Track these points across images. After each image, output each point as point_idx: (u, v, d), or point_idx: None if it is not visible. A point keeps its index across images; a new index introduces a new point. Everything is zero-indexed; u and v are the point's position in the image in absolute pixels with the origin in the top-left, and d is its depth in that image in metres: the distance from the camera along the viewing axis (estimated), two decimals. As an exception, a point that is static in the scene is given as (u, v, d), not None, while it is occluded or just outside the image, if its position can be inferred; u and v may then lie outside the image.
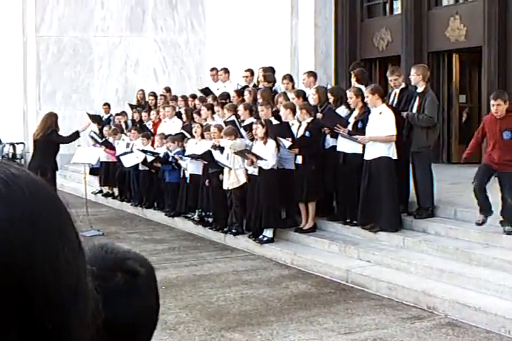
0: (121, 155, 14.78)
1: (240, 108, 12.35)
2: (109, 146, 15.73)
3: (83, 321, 0.94)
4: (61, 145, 13.63)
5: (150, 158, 13.96)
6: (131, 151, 14.66)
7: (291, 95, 11.98)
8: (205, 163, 12.25)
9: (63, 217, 0.93)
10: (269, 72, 13.85)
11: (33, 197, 0.89)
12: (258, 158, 10.90)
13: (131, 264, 1.47)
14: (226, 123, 12.33)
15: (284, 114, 11.25)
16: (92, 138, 16.60)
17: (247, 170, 11.41)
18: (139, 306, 1.47)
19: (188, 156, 12.75)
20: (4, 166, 0.90)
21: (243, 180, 11.48)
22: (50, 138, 13.09)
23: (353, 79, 11.69)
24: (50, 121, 13.34)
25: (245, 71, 14.79)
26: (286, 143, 10.90)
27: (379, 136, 10.08)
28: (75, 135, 13.67)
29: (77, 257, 0.93)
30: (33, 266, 0.86)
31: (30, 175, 0.92)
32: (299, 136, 10.96)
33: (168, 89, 17.50)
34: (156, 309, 1.52)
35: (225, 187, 11.71)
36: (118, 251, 1.49)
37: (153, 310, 1.51)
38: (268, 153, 10.92)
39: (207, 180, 12.21)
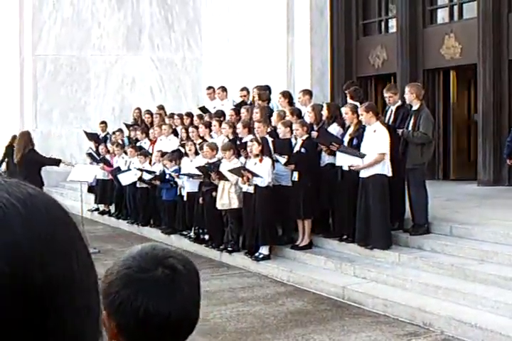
0: (119, 173, 14.80)
1: (239, 126, 12.37)
2: (108, 163, 15.74)
3: (95, 336, 0.96)
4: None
5: (148, 177, 13.98)
6: (129, 169, 14.68)
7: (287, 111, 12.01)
8: (201, 181, 12.28)
9: (76, 234, 0.95)
10: (264, 90, 13.89)
11: (49, 216, 0.91)
12: (254, 175, 10.91)
13: (171, 261, 1.61)
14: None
15: (283, 131, 11.27)
16: (90, 155, 16.62)
17: (244, 193, 11.38)
18: (177, 299, 1.58)
19: (183, 175, 12.77)
20: (22, 186, 0.92)
21: (235, 204, 11.46)
22: (29, 157, 13.01)
23: (349, 99, 11.71)
24: (24, 140, 13.26)
25: (240, 90, 14.84)
26: (282, 159, 10.92)
27: (370, 162, 10.07)
28: (56, 162, 13.52)
29: (89, 274, 0.95)
30: (50, 284, 0.87)
31: (45, 194, 0.94)
32: (294, 153, 10.99)
33: (161, 107, 17.47)
34: (196, 307, 1.65)
35: (217, 206, 11.71)
36: (164, 249, 1.65)
37: (191, 305, 1.62)
38: (264, 171, 10.93)
39: (200, 198, 12.23)
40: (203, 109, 15.59)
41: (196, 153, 12.82)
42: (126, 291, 1.55)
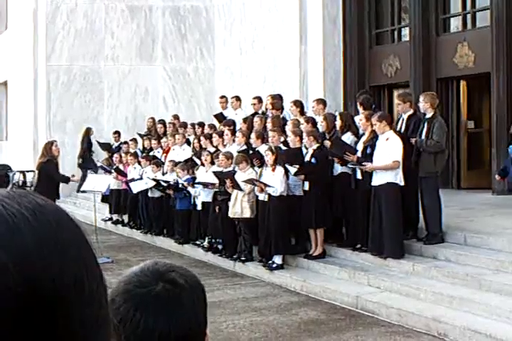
0: (131, 181, 14.85)
1: (252, 136, 12.37)
2: (121, 173, 15.77)
3: None
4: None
5: (165, 184, 13.98)
6: (141, 178, 14.72)
7: (300, 121, 12.00)
8: (216, 190, 12.28)
9: (85, 244, 0.94)
10: (277, 99, 13.90)
11: (58, 226, 0.91)
12: (266, 185, 10.91)
13: (173, 276, 1.55)
14: (239, 152, 12.34)
15: (293, 141, 11.27)
16: (101, 167, 16.67)
17: (258, 201, 11.38)
18: (178, 315, 1.52)
19: (198, 183, 12.78)
20: (30, 196, 0.92)
21: (247, 214, 11.46)
22: (44, 167, 13.13)
23: (360, 108, 11.61)
24: (44, 150, 13.37)
25: (253, 99, 14.86)
26: (292, 169, 10.91)
27: (383, 165, 10.06)
28: (65, 179, 13.53)
29: (99, 284, 0.94)
30: (60, 291, 0.87)
31: (53, 204, 0.94)
32: (304, 163, 10.98)
33: (176, 117, 17.58)
34: (199, 323, 1.56)
35: (229, 214, 11.72)
36: (166, 264, 1.60)
37: (193, 321, 1.55)
38: (276, 180, 10.93)
39: (217, 207, 12.20)
40: (219, 116, 15.63)
41: (212, 163, 12.83)
42: (126, 307, 1.51)
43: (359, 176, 10.62)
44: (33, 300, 0.85)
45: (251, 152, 12.19)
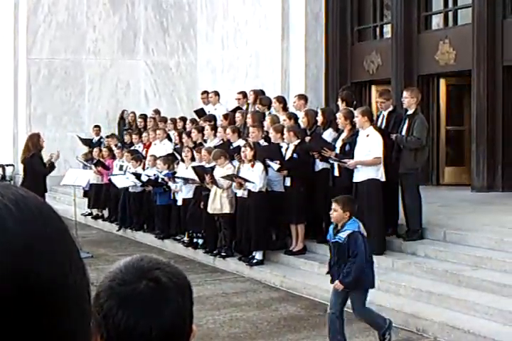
0: (114, 175, 14.78)
1: (228, 131, 12.38)
2: (104, 167, 15.67)
3: (86, 339, 0.95)
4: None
5: (145, 178, 13.93)
6: (124, 173, 14.65)
7: (282, 117, 12.01)
8: (198, 185, 12.25)
9: (68, 237, 0.94)
10: (261, 95, 13.87)
11: (41, 217, 0.90)
12: (246, 181, 10.90)
13: (157, 274, 1.53)
14: (216, 147, 12.34)
15: (274, 137, 11.27)
16: (82, 161, 16.59)
17: (237, 198, 11.38)
18: (160, 314, 1.51)
19: (178, 178, 12.75)
20: (13, 188, 0.92)
21: (226, 209, 11.45)
22: (29, 162, 12.99)
23: (343, 103, 11.58)
24: (30, 143, 13.21)
25: (238, 93, 14.84)
26: (275, 165, 10.91)
27: (365, 160, 10.09)
28: (51, 167, 13.40)
29: (82, 276, 0.94)
30: (43, 282, 0.86)
31: (36, 196, 0.94)
32: (286, 158, 10.98)
33: (157, 111, 17.54)
34: (184, 321, 1.54)
35: (208, 210, 11.70)
36: (151, 261, 1.57)
37: (177, 320, 1.52)
38: (255, 176, 10.92)
39: (201, 203, 12.13)
40: (199, 112, 15.60)
41: (192, 159, 12.80)
42: (109, 304, 1.50)
43: (336, 173, 10.63)
44: (20, 294, 0.84)
45: (231, 147, 12.17)
